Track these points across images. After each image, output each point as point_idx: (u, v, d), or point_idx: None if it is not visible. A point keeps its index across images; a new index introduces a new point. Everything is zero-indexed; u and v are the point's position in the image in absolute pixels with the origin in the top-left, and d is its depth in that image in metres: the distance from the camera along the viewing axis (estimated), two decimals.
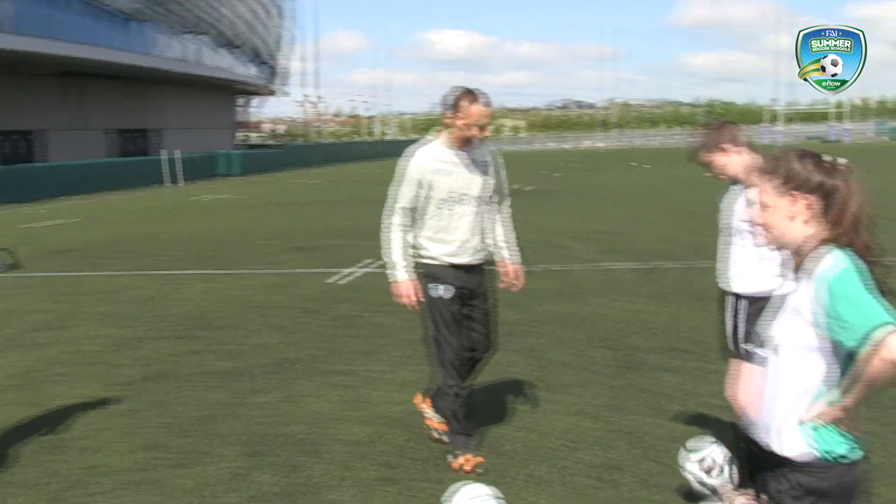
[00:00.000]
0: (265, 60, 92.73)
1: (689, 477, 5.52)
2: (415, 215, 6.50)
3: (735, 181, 5.60)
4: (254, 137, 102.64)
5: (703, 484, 5.48)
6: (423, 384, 8.32)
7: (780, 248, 3.35)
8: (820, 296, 3.12)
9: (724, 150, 5.59)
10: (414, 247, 6.57)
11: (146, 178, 47.29)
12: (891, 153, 61.18)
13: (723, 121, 5.88)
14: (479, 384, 7.17)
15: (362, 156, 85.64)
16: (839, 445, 3.19)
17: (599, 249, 17.31)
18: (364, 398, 8.09)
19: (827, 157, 3.32)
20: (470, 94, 6.20)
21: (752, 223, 5.32)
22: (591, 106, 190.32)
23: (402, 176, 6.43)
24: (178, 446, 6.98)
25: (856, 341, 3.01)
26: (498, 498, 5.30)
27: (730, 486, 5.44)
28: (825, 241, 3.21)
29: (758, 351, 4.66)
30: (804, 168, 3.27)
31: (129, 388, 8.65)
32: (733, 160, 5.59)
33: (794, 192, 3.27)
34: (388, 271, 6.53)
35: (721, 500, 5.42)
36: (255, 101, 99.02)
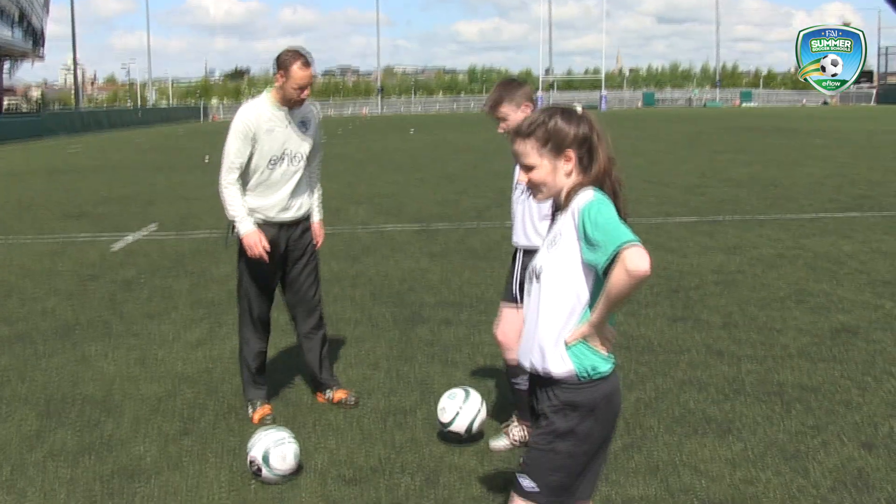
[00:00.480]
0: (31, 23, 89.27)
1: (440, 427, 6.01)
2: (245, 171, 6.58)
3: None
4: (7, 104, 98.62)
5: (444, 427, 5.95)
6: (213, 344, 8.53)
7: (550, 199, 3.63)
8: (577, 225, 3.43)
9: (520, 106, 5.81)
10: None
11: None
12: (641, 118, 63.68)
13: (519, 79, 6.15)
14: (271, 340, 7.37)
15: (127, 123, 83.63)
16: (592, 361, 3.51)
17: (375, 212, 17.68)
18: (155, 358, 8.20)
19: (577, 108, 3.61)
20: (296, 56, 6.34)
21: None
22: (367, 74, 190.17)
23: (232, 132, 6.48)
24: None
25: (606, 259, 3.34)
26: (297, 441, 5.61)
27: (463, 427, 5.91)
28: (583, 185, 3.54)
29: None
30: (561, 125, 3.53)
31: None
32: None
33: (556, 149, 3.53)
34: (236, 226, 6.57)
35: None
36: (6, 64, 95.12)
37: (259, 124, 6.45)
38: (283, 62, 6.36)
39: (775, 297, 9.85)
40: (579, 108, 3.61)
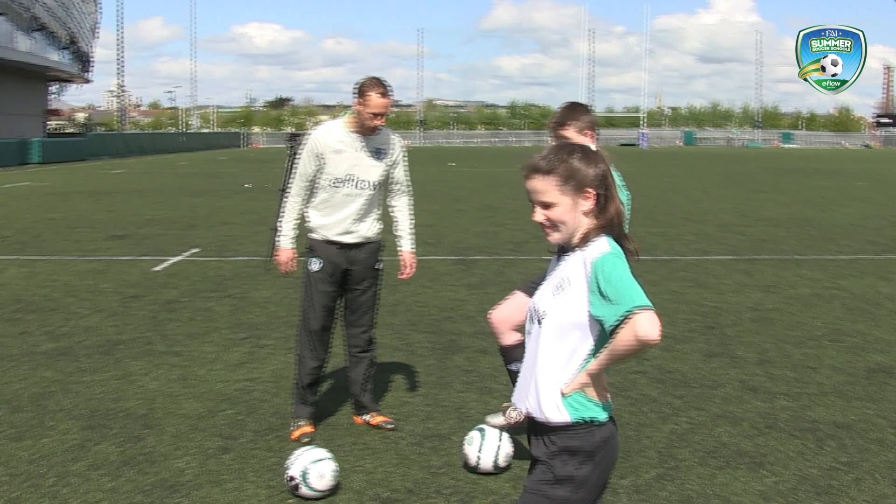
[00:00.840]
0: (79, 47, 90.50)
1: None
2: (311, 188, 6.79)
3: None
4: (52, 125, 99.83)
5: (473, 471, 6.04)
6: (253, 365, 8.66)
7: (565, 241, 3.49)
8: (588, 276, 3.35)
9: (581, 131, 5.88)
10: (304, 218, 6.86)
11: None
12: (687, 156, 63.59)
13: (586, 105, 6.24)
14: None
15: (170, 147, 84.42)
16: (590, 411, 3.46)
17: (415, 242, 17.76)
18: (196, 377, 8.33)
19: (593, 148, 3.54)
20: (375, 84, 6.48)
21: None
22: (408, 106, 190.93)
23: (303, 148, 6.72)
24: (13, 421, 7.10)
25: (615, 318, 3.26)
26: (335, 461, 5.73)
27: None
28: (597, 229, 3.44)
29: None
30: (582, 163, 3.44)
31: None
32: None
33: (577, 187, 3.43)
34: (277, 237, 6.91)
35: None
36: (54, 87, 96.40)
37: (328, 144, 6.64)
38: (362, 89, 6.50)
39: (811, 335, 9.89)
40: (594, 147, 3.58)
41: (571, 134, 5.84)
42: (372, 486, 5.82)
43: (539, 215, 3.49)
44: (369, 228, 6.89)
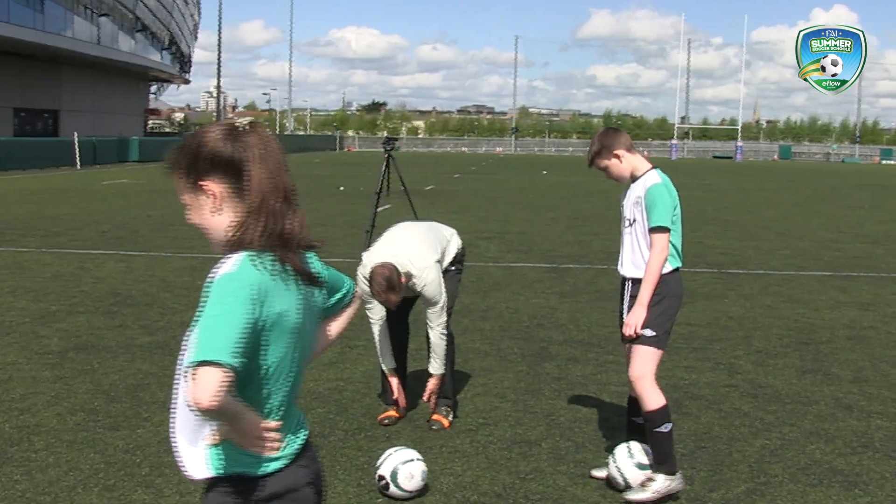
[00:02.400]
0: (179, 48, 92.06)
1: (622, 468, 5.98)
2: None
3: (633, 179, 5.96)
4: (151, 124, 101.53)
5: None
6: (344, 365, 8.74)
7: (220, 249, 2.77)
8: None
9: (618, 157, 5.88)
10: None
11: (55, 160, 46.98)
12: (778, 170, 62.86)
13: (613, 127, 6.28)
14: (409, 368, 7.64)
15: None
16: (235, 462, 2.72)
17: (506, 249, 17.82)
18: None
19: (237, 124, 2.80)
20: (374, 285, 6.61)
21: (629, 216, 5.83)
22: (502, 113, 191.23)
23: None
24: (110, 411, 7.26)
25: (188, 361, 2.47)
26: (425, 462, 5.76)
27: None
28: (237, 232, 2.70)
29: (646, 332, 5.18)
30: (202, 146, 2.73)
31: (56, 358, 8.87)
32: (626, 164, 5.89)
33: (198, 181, 2.74)
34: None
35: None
36: (154, 87, 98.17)
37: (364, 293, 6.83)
38: (371, 280, 6.63)
39: None
40: (241, 124, 2.79)
41: (616, 165, 5.92)
42: (460, 489, 5.84)
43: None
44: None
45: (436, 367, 7.07)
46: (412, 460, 5.66)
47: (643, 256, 5.76)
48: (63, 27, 61.85)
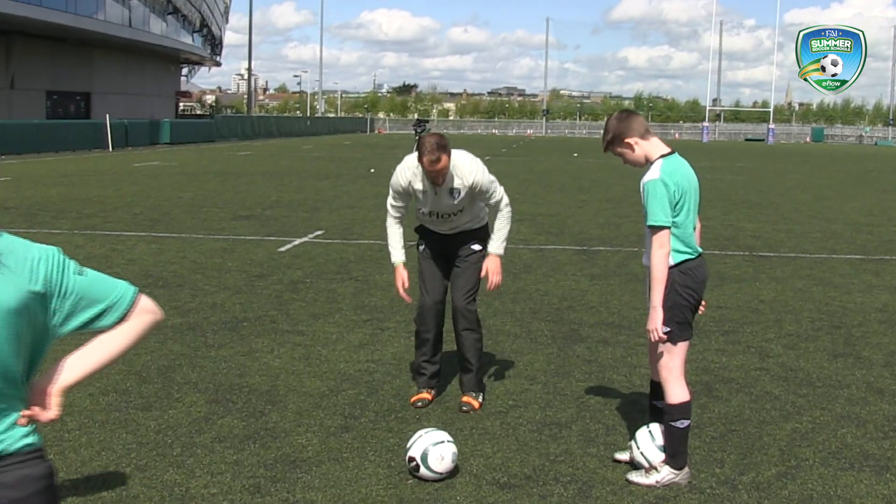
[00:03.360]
0: (211, 30, 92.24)
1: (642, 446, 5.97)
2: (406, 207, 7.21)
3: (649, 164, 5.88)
4: (182, 107, 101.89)
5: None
6: (375, 347, 8.76)
7: None
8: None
9: (630, 145, 5.81)
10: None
11: (87, 142, 47.23)
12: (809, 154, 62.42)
13: (627, 111, 6.18)
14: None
15: (296, 131, 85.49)
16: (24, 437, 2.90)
17: (537, 231, 17.80)
18: (319, 356, 8.46)
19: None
20: (425, 153, 6.61)
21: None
22: (533, 95, 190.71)
23: (391, 183, 7.10)
24: (142, 391, 7.30)
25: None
26: (455, 444, 5.77)
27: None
28: None
29: None
30: None
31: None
32: (640, 151, 5.81)
33: None
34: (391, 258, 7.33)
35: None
36: (185, 69, 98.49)
37: (410, 183, 6.98)
38: (419, 150, 6.68)
39: None
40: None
41: (628, 152, 5.85)
42: (490, 471, 5.85)
43: None
44: (469, 223, 7.13)
45: (496, 245, 7.15)
46: (443, 442, 5.66)
47: (649, 248, 5.73)
48: (94, 10, 62.13)
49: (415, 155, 6.83)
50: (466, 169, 6.88)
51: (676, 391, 5.69)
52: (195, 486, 5.51)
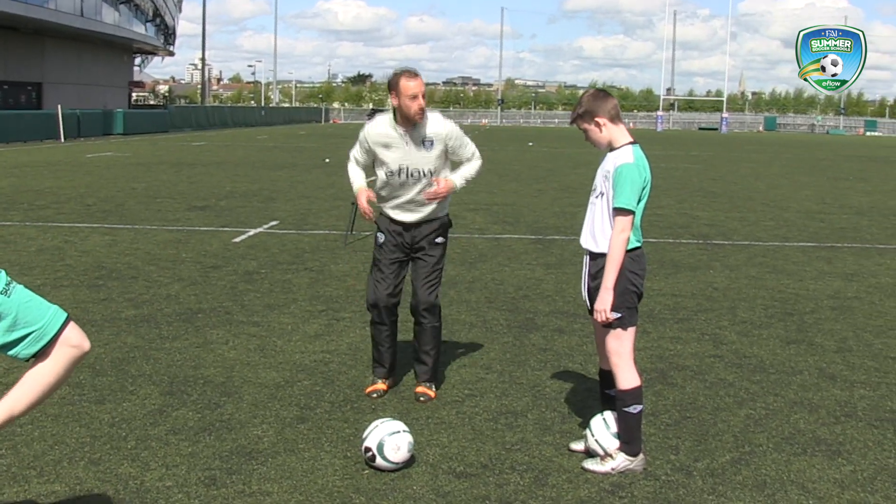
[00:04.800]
0: (164, 20, 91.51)
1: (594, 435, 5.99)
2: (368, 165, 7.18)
3: (611, 149, 5.86)
4: (135, 97, 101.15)
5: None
6: (331, 337, 8.74)
7: None
8: None
9: (598, 124, 5.81)
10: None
11: (38, 132, 46.73)
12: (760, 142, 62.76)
13: (605, 91, 6.20)
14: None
15: (250, 121, 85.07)
16: None
17: (493, 220, 17.82)
18: (274, 347, 8.42)
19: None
20: (401, 72, 6.70)
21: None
22: (488, 85, 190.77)
23: (357, 143, 7.07)
24: (96, 384, 7.23)
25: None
26: (411, 434, 5.77)
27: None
28: None
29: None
30: None
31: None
32: (606, 133, 5.81)
33: None
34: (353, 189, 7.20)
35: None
36: (138, 59, 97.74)
37: (376, 139, 6.91)
38: (391, 83, 6.74)
39: (892, 325, 9.76)
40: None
41: (595, 130, 5.87)
42: (446, 460, 5.86)
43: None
44: (430, 209, 7.06)
45: (457, 175, 7.11)
46: (399, 432, 5.66)
47: (603, 231, 5.74)
48: None
49: (382, 116, 6.96)
50: (440, 122, 6.93)
51: (627, 376, 5.72)
52: (150, 479, 5.48)
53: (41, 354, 2.89)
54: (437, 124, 6.90)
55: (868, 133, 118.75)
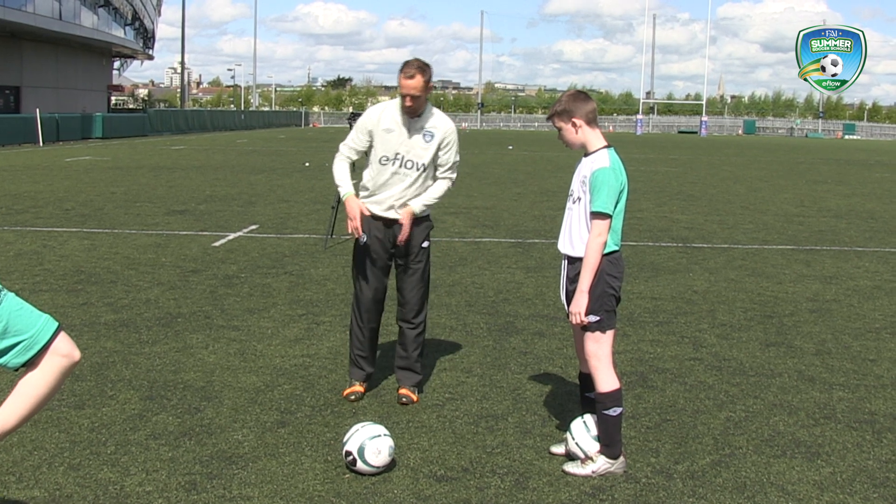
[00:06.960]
0: (143, 23, 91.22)
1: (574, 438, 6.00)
2: (360, 157, 7.15)
3: (585, 153, 5.88)
4: (114, 101, 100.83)
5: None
6: (311, 341, 8.73)
7: None
8: None
9: (574, 125, 5.84)
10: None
11: (17, 136, 46.48)
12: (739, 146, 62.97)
13: (585, 93, 6.20)
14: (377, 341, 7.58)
15: (230, 125, 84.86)
16: None
17: (472, 224, 17.83)
18: (254, 351, 8.41)
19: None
20: (403, 66, 6.72)
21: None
22: (468, 89, 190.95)
23: (357, 122, 7.03)
24: (75, 389, 7.20)
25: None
26: (392, 437, 5.77)
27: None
28: None
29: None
30: None
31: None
32: (581, 135, 5.84)
33: None
34: (340, 192, 7.04)
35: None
36: (117, 63, 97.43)
37: (379, 122, 6.89)
38: (399, 73, 6.73)
39: (871, 327, 9.81)
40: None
41: (570, 131, 5.89)
42: (427, 464, 5.86)
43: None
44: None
45: (417, 205, 6.97)
46: (379, 436, 5.66)
47: (581, 236, 5.77)
48: (23, 2, 61.10)
49: (392, 100, 6.98)
50: (444, 119, 7.00)
51: (607, 379, 5.74)
52: (130, 484, 5.46)
53: (31, 364, 2.86)
54: (441, 120, 6.98)
55: (846, 136, 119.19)
